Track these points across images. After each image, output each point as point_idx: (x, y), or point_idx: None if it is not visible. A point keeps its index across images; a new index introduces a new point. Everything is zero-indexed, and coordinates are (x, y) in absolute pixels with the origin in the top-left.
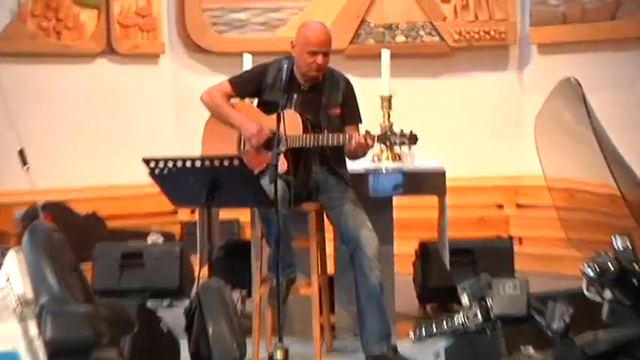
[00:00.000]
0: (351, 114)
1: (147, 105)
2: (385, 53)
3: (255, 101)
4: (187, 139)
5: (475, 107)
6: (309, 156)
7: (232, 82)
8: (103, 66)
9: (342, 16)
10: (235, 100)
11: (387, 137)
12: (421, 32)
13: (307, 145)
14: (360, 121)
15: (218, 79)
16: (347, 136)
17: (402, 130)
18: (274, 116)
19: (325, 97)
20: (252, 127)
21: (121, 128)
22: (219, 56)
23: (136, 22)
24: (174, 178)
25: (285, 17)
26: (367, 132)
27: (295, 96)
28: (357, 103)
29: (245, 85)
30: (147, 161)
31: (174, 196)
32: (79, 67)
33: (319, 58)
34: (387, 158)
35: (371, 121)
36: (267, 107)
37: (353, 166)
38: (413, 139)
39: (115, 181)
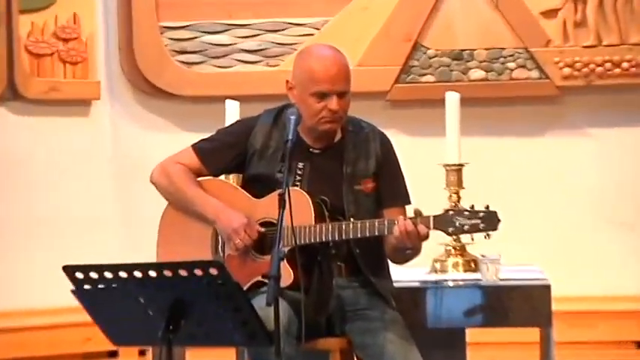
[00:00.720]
0: (391, 190)
1: (71, 180)
2: (452, 97)
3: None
4: (135, 236)
5: (599, 182)
6: (327, 260)
7: (199, 150)
8: (2, 118)
9: (384, 39)
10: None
11: (449, 220)
12: (510, 64)
13: (324, 242)
14: (408, 202)
15: (185, 141)
16: (385, 222)
17: (472, 207)
18: (269, 199)
19: (349, 165)
20: (235, 219)
21: (29, 217)
22: (188, 103)
23: (54, 48)
24: (114, 297)
25: (293, 41)
26: (417, 212)
27: (301, 165)
28: (400, 173)
29: (220, 155)
30: (71, 270)
31: (113, 327)
32: None
33: (332, 102)
34: (456, 266)
35: (428, 204)
36: (255, 186)
37: (400, 276)
38: (491, 220)
39: (18, 304)
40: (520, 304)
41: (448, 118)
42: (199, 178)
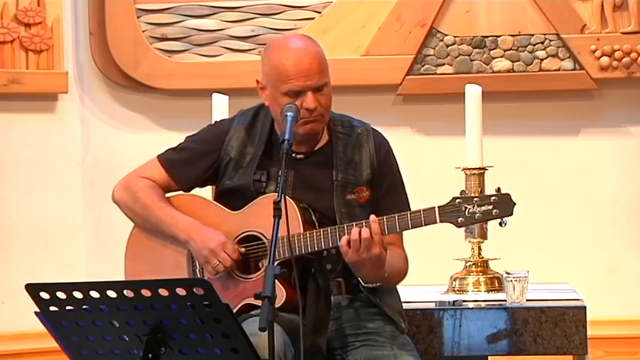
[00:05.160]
0: (388, 201)
1: (35, 186)
2: (473, 91)
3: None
4: (107, 251)
5: None
6: (323, 275)
7: (167, 162)
8: None
9: (394, 24)
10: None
11: (457, 209)
12: (540, 52)
13: (317, 252)
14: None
15: (166, 141)
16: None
17: (481, 191)
18: (248, 210)
19: (339, 172)
20: (211, 238)
21: None
22: (169, 98)
23: (15, 34)
24: (84, 321)
25: (290, 26)
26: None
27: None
28: (400, 181)
29: (191, 167)
30: (34, 290)
31: (83, 355)
32: None
33: (309, 99)
34: (477, 284)
35: None
36: (230, 198)
37: (412, 296)
38: (505, 204)
39: None
40: (551, 329)
41: (468, 115)
42: (168, 194)
